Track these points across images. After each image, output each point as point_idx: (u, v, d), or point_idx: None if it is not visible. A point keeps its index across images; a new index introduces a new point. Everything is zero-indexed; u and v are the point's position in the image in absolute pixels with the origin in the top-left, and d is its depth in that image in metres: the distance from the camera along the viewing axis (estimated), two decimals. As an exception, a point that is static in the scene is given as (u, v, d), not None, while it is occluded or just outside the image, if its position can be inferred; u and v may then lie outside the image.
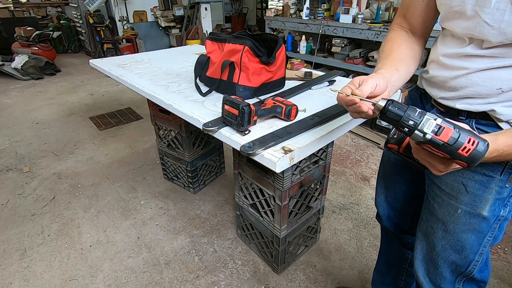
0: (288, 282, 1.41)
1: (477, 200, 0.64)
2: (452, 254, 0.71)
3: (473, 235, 0.67)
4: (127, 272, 1.46)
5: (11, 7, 6.05)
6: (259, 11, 7.89)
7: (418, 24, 0.72)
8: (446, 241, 0.71)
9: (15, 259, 1.53)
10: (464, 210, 0.66)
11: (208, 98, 1.16)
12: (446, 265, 0.73)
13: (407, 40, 0.73)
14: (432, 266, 0.76)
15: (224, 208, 1.88)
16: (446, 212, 0.69)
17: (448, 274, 0.74)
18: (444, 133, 0.46)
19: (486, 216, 0.64)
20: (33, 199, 1.95)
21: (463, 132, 0.45)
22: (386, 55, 0.71)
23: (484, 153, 0.46)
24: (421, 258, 0.80)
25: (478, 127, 0.62)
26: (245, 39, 1.09)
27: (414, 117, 0.48)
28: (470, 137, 0.45)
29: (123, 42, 5.50)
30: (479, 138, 0.46)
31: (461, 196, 0.66)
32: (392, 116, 0.50)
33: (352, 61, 3.31)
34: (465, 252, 0.69)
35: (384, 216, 1.00)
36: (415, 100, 0.78)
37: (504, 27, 0.51)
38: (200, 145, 1.86)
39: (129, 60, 1.77)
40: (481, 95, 0.58)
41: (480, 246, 0.68)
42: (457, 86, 0.61)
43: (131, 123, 3.06)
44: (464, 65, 0.59)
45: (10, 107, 3.49)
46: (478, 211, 0.65)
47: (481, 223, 0.66)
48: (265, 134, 0.85)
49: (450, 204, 0.68)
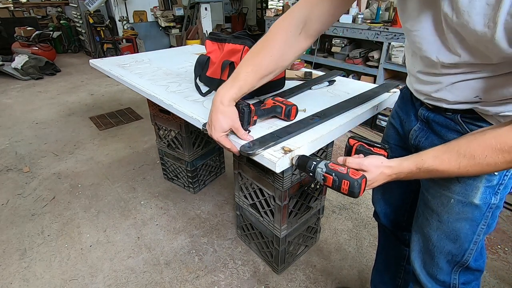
0: (288, 282, 1.41)
1: (468, 188, 0.66)
2: (447, 243, 0.73)
3: (467, 223, 0.69)
4: (127, 272, 1.46)
5: (11, 7, 6.05)
6: (259, 11, 7.89)
7: (313, 27, 0.73)
8: (441, 231, 0.73)
9: (15, 259, 1.53)
10: (456, 200, 0.68)
11: (208, 98, 1.16)
12: (442, 255, 0.74)
13: (286, 43, 0.75)
14: (429, 258, 0.78)
15: (224, 208, 1.88)
16: (439, 203, 0.71)
17: (444, 264, 0.75)
18: (328, 181, 0.64)
19: (478, 204, 0.66)
20: (33, 199, 1.95)
21: (340, 178, 0.62)
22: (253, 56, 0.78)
23: (358, 190, 0.59)
24: (417, 250, 0.81)
25: (465, 120, 0.64)
26: (245, 39, 1.09)
27: (310, 170, 0.67)
28: (345, 180, 0.61)
29: (123, 42, 5.50)
30: (352, 179, 0.60)
31: (453, 186, 0.68)
32: (300, 168, 0.72)
33: (352, 61, 3.31)
34: (459, 241, 0.71)
35: (381, 213, 1.02)
36: (406, 99, 0.81)
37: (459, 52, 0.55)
38: (200, 145, 1.86)
39: (129, 60, 1.77)
40: (463, 101, 0.62)
41: (474, 234, 0.70)
42: (440, 97, 0.65)
43: (131, 123, 3.06)
44: (439, 80, 0.63)
45: (10, 107, 3.49)
46: (470, 199, 0.66)
47: (473, 211, 0.67)
48: (265, 134, 0.85)
49: (443, 195, 0.70)
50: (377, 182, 0.64)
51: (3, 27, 5.38)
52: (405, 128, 0.80)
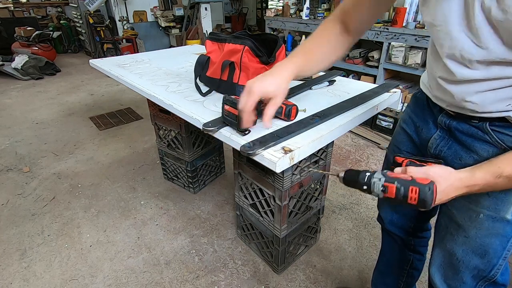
0: (288, 282, 1.41)
1: (499, 203, 0.61)
2: (474, 259, 0.69)
3: (497, 239, 0.65)
4: (127, 272, 1.46)
5: (11, 7, 6.05)
6: (259, 11, 7.89)
7: (353, 25, 0.74)
8: (468, 246, 0.68)
9: (15, 259, 1.53)
10: (486, 215, 0.63)
11: (208, 98, 1.16)
12: (467, 270, 0.71)
13: (335, 36, 0.77)
14: (452, 272, 0.74)
15: (224, 208, 1.88)
16: (467, 218, 0.67)
17: (469, 279, 0.72)
18: (390, 190, 0.53)
19: (510, 219, 0.62)
20: (33, 199, 1.95)
21: (404, 185, 0.51)
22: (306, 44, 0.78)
23: (431, 197, 0.50)
24: (438, 264, 0.77)
25: (494, 129, 0.59)
26: (245, 39, 1.09)
27: (364, 182, 0.56)
28: (412, 187, 0.50)
29: (123, 42, 5.50)
30: (421, 185, 0.50)
31: (482, 200, 0.63)
32: (350, 184, 0.61)
33: (352, 61, 3.31)
34: (488, 256, 0.67)
35: (387, 219, 0.99)
36: (421, 104, 0.76)
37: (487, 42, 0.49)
38: (200, 145, 1.86)
39: (129, 60, 1.77)
40: (490, 110, 0.56)
41: (504, 250, 0.66)
42: (464, 106, 0.59)
43: (131, 123, 3.06)
44: (463, 90, 0.57)
45: (10, 107, 3.49)
46: (502, 214, 0.62)
47: (505, 227, 0.63)
48: (265, 134, 0.85)
49: (470, 209, 0.65)
50: (446, 196, 0.55)
51: (3, 27, 5.38)
52: (422, 136, 0.75)
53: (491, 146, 0.60)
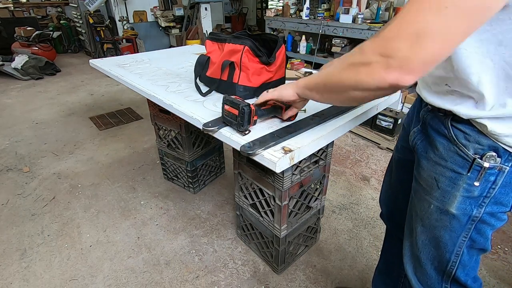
0: (288, 282, 1.41)
1: (445, 195, 0.64)
2: (431, 249, 0.72)
3: (446, 233, 0.67)
4: (127, 272, 1.46)
5: (11, 7, 6.05)
6: (259, 11, 7.90)
7: None
8: (425, 235, 0.72)
9: (15, 259, 1.53)
10: (435, 206, 0.67)
11: (208, 98, 1.16)
12: (428, 261, 0.74)
13: None
14: (417, 263, 0.77)
15: (224, 208, 1.88)
16: (422, 207, 0.70)
17: (432, 272, 0.74)
18: None
19: (454, 213, 0.64)
20: (33, 199, 1.95)
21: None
22: None
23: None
24: (409, 255, 0.80)
25: (453, 124, 0.61)
26: (245, 39, 1.09)
27: None
28: None
29: (123, 42, 5.51)
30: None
31: (433, 191, 0.66)
32: None
33: (352, 61, 3.30)
34: (440, 249, 0.70)
35: (386, 214, 1.02)
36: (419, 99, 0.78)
37: None
38: (200, 145, 1.86)
39: (129, 60, 1.77)
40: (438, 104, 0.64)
41: (455, 246, 0.67)
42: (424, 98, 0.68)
43: (131, 123, 3.06)
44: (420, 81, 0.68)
45: (10, 107, 3.49)
46: (446, 207, 0.65)
47: (451, 220, 0.65)
48: (265, 134, 0.85)
49: (425, 199, 0.69)
50: (280, 90, 0.78)
51: (3, 27, 5.38)
52: (410, 130, 0.78)
53: (447, 141, 0.62)
